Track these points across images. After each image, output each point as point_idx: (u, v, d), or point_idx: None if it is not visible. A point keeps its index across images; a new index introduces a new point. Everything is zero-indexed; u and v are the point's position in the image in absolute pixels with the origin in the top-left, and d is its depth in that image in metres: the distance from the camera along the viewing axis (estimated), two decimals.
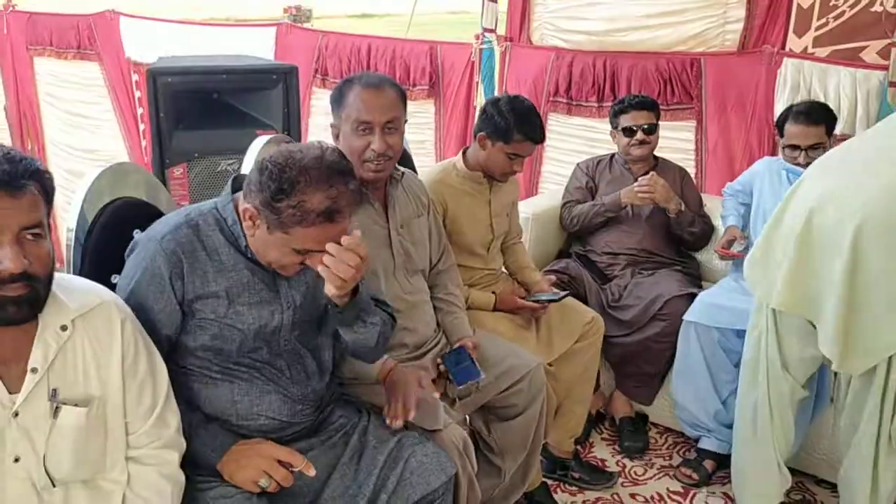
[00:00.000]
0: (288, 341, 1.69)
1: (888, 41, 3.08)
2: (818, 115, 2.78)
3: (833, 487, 2.49)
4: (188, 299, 1.57)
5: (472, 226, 2.56)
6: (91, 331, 1.37)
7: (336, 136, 2.05)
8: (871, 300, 1.93)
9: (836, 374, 2.22)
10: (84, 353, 1.36)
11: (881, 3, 3.11)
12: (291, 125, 2.99)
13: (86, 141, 5.77)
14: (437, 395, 2.01)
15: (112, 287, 1.58)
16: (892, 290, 1.91)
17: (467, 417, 2.22)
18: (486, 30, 4.28)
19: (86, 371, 1.36)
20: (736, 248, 2.88)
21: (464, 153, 2.62)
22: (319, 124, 5.07)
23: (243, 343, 1.62)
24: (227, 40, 5.46)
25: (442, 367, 2.15)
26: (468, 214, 2.55)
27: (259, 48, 5.09)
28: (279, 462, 1.56)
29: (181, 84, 2.79)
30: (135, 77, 5.57)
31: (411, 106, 4.57)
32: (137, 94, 5.52)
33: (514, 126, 2.45)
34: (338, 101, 2.03)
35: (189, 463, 1.52)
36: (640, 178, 3.01)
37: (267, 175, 1.47)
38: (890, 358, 2.00)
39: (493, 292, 2.57)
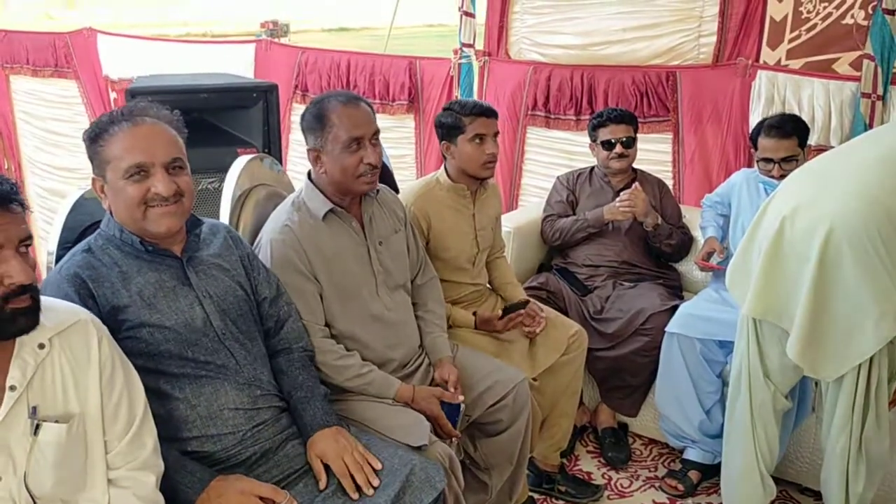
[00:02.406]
0: (224, 333, 1.71)
1: (860, 53, 3.14)
2: (790, 128, 2.81)
3: (817, 495, 2.52)
4: (106, 312, 1.57)
5: (457, 240, 2.57)
6: (69, 348, 1.38)
7: (316, 159, 2.05)
8: (839, 307, 1.96)
9: (817, 383, 2.26)
10: (62, 370, 1.37)
11: (852, 16, 3.17)
12: (272, 142, 2.98)
13: (64, 159, 5.74)
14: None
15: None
16: (861, 297, 1.95)
17: None
18: (464, 44, 4.32)
19: (65, 388, 1.37)
20: (715, 260, 2.91)
21: (446, 168, 2.63)
22: (300, 140, 5.05)
23: (177, 341, 1.63)
24: (206, 57, 5.45)
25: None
26: (453, 228, 2.56)
27: (238, 65, 5.08)
28: (261, 499, 1.56)
29: (160, 103, 2.77)
30: (113, 95, 5.55)
31: (391, 121, 4.62)
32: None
33: (460, 113, 2.51)
34: (319, 122, 2.02)
35: (168, 501, 1.51)
36: (621, 193, 3.04)
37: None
38: (859, 366, 2.04)
39: (474, 313, 2.57)
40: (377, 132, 2.06)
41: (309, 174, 2.13)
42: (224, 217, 2.15)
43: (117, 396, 1.43)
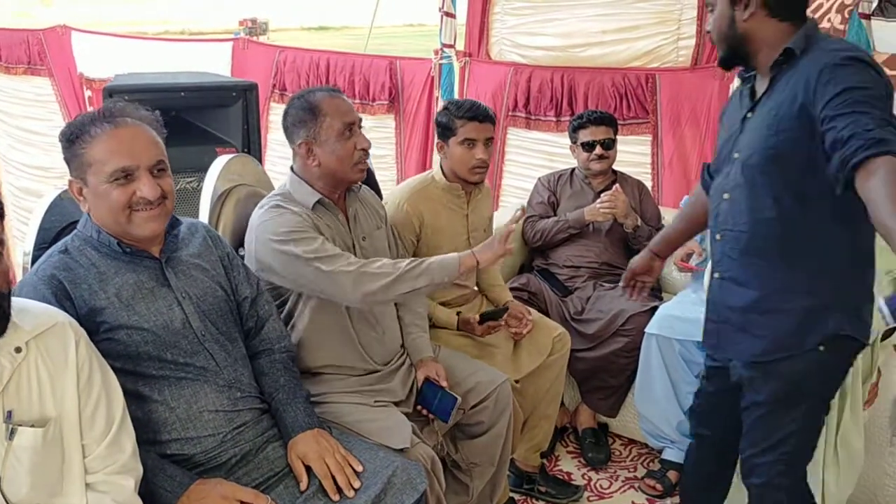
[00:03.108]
0: (204, 334, 1.69)
1: None
2: None
3: None
4: (84, 314, 1.55)
5: (450, 239, 2.56)
6: (46, 351, 1.36)
7: (308, 152, 2.04)
8: None
9: None
10: (39, 374, 1.34)
11: (829, 20, 3.20)
12: (251, 142, 2.97)
13: (38, 158, 5.66)
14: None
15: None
16: None
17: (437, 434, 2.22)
18: (445, 45, 4.32)
19: (41, 392, 1.34)
20: (694, 261, 2.93)
21: (441, 167, 2.63)
22: (278, 140, 5.04)
23: (156, 343, 1.61)
24: (183, 55, 5.41)
25: (424, 411, 2.16)
26: (446, 228, 2.55)
27: (215, 63, 5.05)
28: (242, 503, 1.55)
29: (139, 102, 2.74)
30: (87, 93, 5.48)
31: (371, 121, 4.61)
32: (91, 109, 5.42)
33: (454, 115, 2.50)
34: (311, 113, 2.02)
35: None
36: (602, 194, 3.05)
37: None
38: None
39: (458, 313, 2.57)
40: (361, 120, 2.10)
41: (292, 168, 2.12)
42: (203, 216, 2.13)
43: (95, 400, 1.41)
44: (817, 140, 1.55)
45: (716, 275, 1.88)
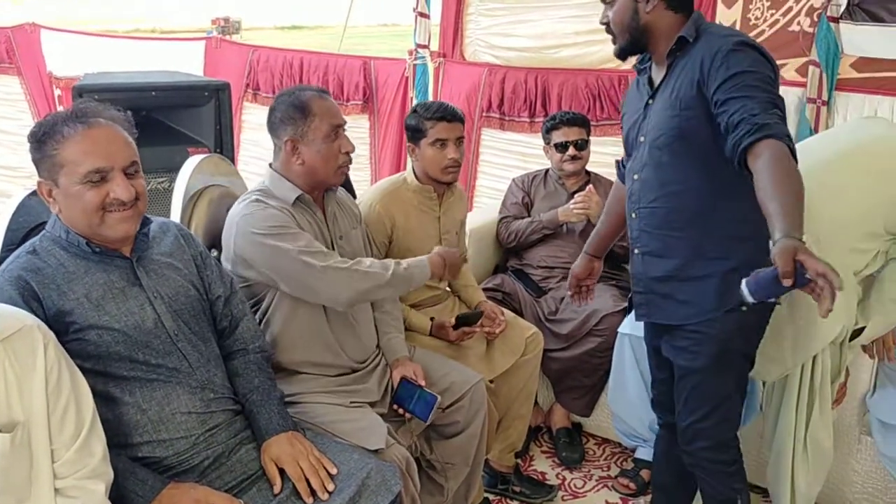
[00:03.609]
0: (177, 334, 1.68)
1: (806, 59, 3.22)
2: None
3: (764, 492, 2.57)
4: (52, 315, 1.53)
5: (421, 241, 2.55)
6: (13, 355, 1.33)
7: (293, 149, 2.04)
8: (782, 310, 2.01)
9: (764, 382, 2.31)
10: (6, 377, 1.32)
11: (798, 24, 3.25)
12: (224, 142, 2.95)
13: (5, 157, 5.57)
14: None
15: None
16: (803, 300, 2.00)
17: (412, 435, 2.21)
18: (419, 45, 4.32)
19: (8, 396, 1.32)
20: None
21: (413, 168, 2.62)
22: (251, 139, 5.02)
23: (127, 343, 1.59)
24: (155, 54, 5.36)
25: (400, 410, 2.15)
26: (417, 229, 2.55)
27: (188, 62, 5.01)
28: None
29: (109, 101, 2.71)
30: (57, 92, 5.41)
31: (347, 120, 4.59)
32: (60, 108, 5.36)
33: (423, 117, 2.51)
34: (301, 112, 2.02)
35: None
36: (576, 195, 3.07)
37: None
38: (803, 366, 2.10)
39: (431, 318, 2.56)
40: (345, 124, 2.11)
41: (270, 165, 2.11)
42: (175, 217, 2.12)
43: (64, 403, 1.39)
44: (715, 118, 1.71)
45: (636, 250, 2.01)
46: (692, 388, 1.97)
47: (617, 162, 2.27)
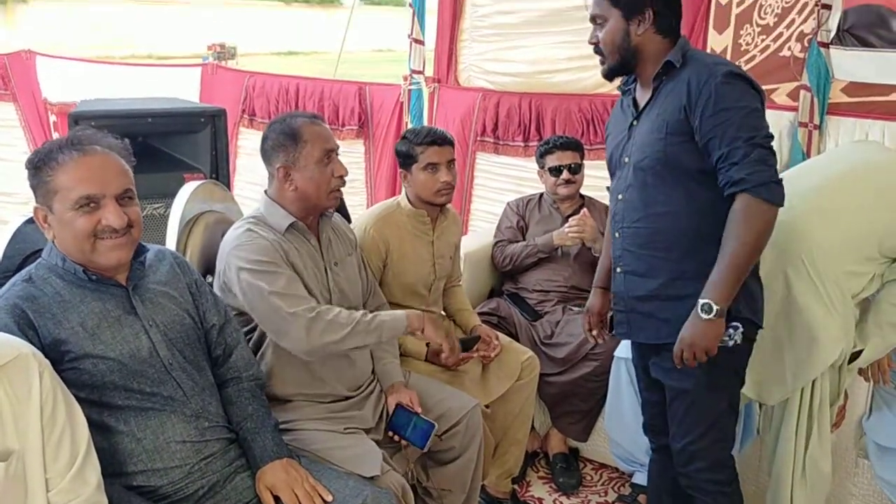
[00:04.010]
0: (171, 363, 1.67)
1: (797, 84, 3.25)
2: None
3: None
4: (48, 344, 1.53)
5: (415, 265, 2.56)
6: (8, 383, 1.33)
7: (286, 176, 2.04)
8: (783, 334, 2.02)
9: (761, 406, 2.30)
10: (1, 406, 1.31)
11: (789, 49, 3.28)
12: (220, 167, 2.95)
13: (0, 183, 5.56)
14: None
15: None
16: (803, 322, 2.01)
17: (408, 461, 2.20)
18: (414, 71, 4.34)
19: (3, 424, 1.31)
20: None
21: (406, 193, 2.64)
22: (247, 166, 5.03)
23: (122, 372, 1.59)
24: (150, 80, 5.38)
25: (396, 437, 2.14)
26: (411, 253, 2.56)
27: (184, 88, 5.03)
28: None
29: (105, 128, 2.72)
30: (52, 118, 5.42)
31: (340, 146, 4.59)
32: (55, 135, 5.37)
33: (413, 143, 2.54)
34: (292, 139, 2.03)
35: None
36: (570, 219, 3.07)
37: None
38: (802, 389, 2.10)
39: (427, 344, 2.55)
40: (338, 147, 2.12)
41: (266, 192, 2.12)
42: (171, 243, 2.11)
43: (59, 432, 1.38)
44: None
45: (618, 269, 2.04)
46: (686, 409, 1.97)
47: (609, 188, 2.26)
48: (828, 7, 3.12)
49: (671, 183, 1.86)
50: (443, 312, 2.80)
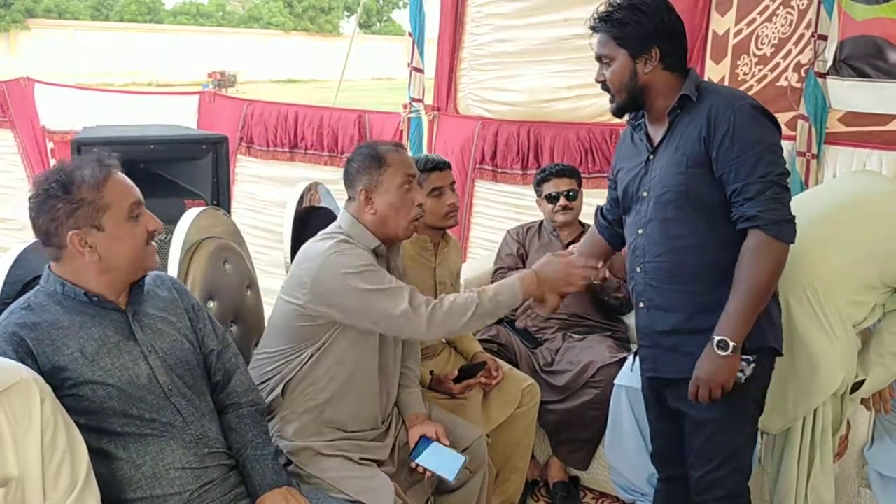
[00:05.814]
0: (171, 389, 1.66)
1: (794, 113, 3.28)
2: None
3: None
4: (47, 371, 1.53)
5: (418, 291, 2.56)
6: (9, 409, 1.33)
7: (367, 199, 2.05)
8: (784, 363, 2.02)
9: (763, 435, 2.29)
10: (1, 431, 1.31)
11: (786, 79, 3.32)
12: (221, 194, 2.96)
13: None
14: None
15: None
16: (805, 351, 2.01)
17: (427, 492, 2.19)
18: (413, 99, 4.38)
19: (3, 450, 1.31)
20: None
21: None
22: (246, 192, 5.04)
23: (121, 399, 1.58)
24: (149, 107, 5.41)
25: (420, 468, 2.10)
26: (413, 280, 2.54)
27: (181, 116, 5.06)
28: None
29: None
30: (50, 145, 5.45)
31: (340, 173, 4.61)
32: (53, 161, 5.39)
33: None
34: (376, 161, 2.05)
35: None
36: (569, 246, 3.07)
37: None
38: (804, 419, 2.10)
39: (431, 371, 2.55)
40: (418, 175, 2.16)
41: (346, 209, 2.12)
42: (172, 269, 2.11)
43: (59, 458, 1.38)
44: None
45: (641, 304, 2.03)
46: (707, 438, 1.95)
47: (598, 209, 2.27)
48: (824, 38, 3.16)
49: (693, 216, 1.86)
50: (444, 340, 2.79)
